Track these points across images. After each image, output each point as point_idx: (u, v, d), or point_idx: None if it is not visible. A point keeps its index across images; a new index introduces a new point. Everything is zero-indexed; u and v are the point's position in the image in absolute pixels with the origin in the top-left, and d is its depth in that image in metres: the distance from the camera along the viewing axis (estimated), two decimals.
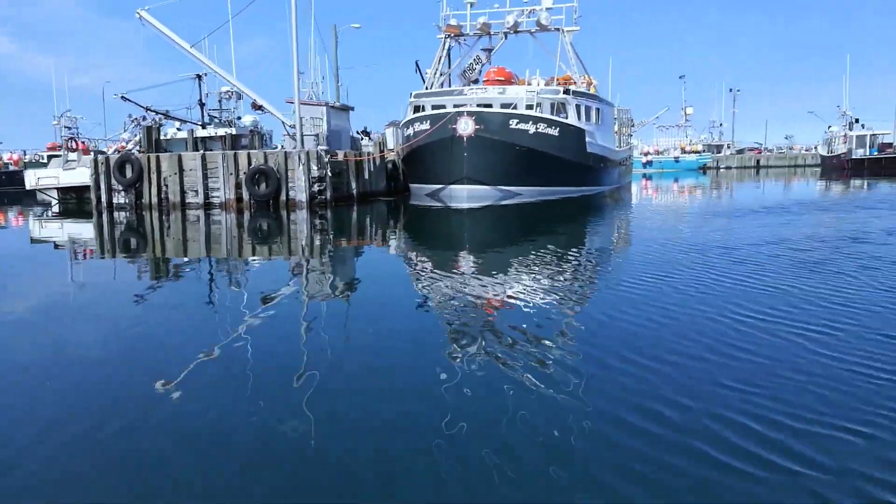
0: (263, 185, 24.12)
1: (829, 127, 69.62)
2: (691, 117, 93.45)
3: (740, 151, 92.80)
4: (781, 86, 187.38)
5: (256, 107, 28.09)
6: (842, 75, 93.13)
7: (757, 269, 10.23)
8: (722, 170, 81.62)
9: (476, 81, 31.27)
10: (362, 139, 35.94)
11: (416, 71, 36.75)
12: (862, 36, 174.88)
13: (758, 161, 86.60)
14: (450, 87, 31.82)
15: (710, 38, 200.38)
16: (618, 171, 35.96)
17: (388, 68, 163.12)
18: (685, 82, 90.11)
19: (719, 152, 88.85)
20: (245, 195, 24.38)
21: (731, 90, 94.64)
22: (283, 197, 24.17)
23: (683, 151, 78.90)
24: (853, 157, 60.49)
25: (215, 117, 38.90)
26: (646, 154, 77.14)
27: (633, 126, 44.63)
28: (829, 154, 67.73)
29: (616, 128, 37.93)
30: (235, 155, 24.54)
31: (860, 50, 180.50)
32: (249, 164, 24.27)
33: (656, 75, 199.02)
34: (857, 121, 66.98)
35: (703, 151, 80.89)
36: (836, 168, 63.40)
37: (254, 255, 14.91)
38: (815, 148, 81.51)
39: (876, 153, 62.26)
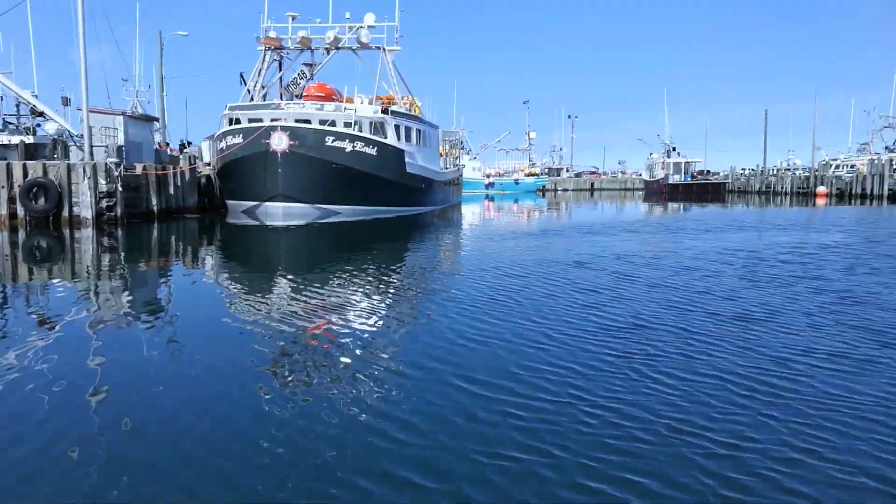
0: (42, 200, 21.58)
1: (651, 154, 75.87)
2: (535, 141, 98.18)
3: (578, 175, 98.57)
4: (617, 113, 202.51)
5: (36, 112, 25.27)
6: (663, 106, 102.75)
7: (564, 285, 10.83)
8: (560, 192, 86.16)
9: (300, 96, 30.39)
10: (179, 151, 33.73)
11: (241, 82, 35.21)
12: (679, 71, 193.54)
13: (592, 184, 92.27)
14: (273, 100, 30.64)
15: (552, 66, 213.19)
16: (444, 192, 36.36)
17: (219, 79, 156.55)
18: (528, 107, 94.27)
19: (559, 175, 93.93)
20: (20, 211, 21.71)
21: (569, 116, 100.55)
22: (65, 213, 21.77)
23: (528, 175, 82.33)
24: (669, 182, 66.02)
25: (11, 123, 34.91)
26: (488, 176, 79.50)
27: (463, 148, 45.58)
28: (651, 179, 73.62)
29: (446, 149, 38.47)
30: (8, 166, 21.79)
31: (678, 84, 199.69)
32: (25, 176, 21.66)
33: (502, 100, 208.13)
34: (674, 149, 73.39)
35: (542, 174, 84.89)
36: (656, 192, 68.93)
37: (31, 278, 13.05)
38: (641, 173, 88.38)
39: (689, 179, 68.50)
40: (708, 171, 72.38)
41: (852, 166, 61.35)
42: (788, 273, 12.36)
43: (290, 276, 12.67)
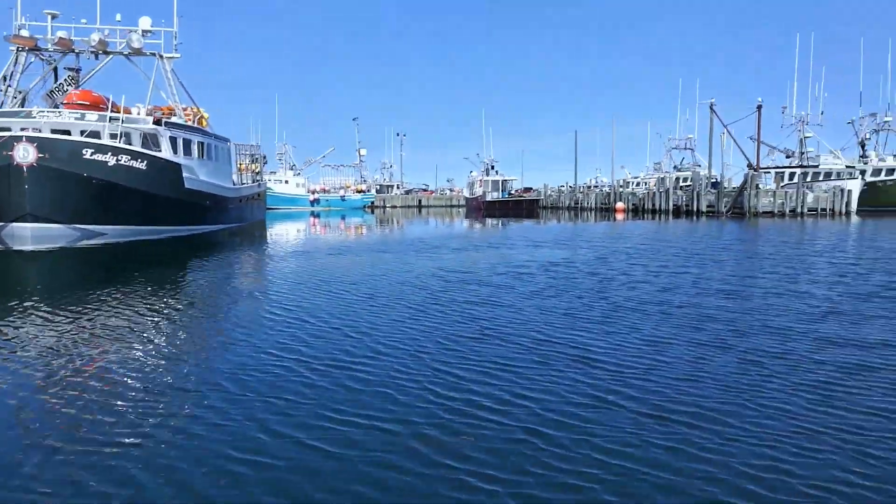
0: None
1: (471, 172, 78.53)
2: (366, 158, 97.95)
3: (408, 192, 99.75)
4: (447, 134, 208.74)
5: None
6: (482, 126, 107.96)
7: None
8: (388, 208, 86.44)
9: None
10: None
11: None
12: (498, 97, 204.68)
13: (420, 201, 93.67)
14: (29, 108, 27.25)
15: (383, 83, 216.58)
16: (239, 209, 34.52)
17: None
18: (358, 124, 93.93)
19: (390, 192, 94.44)
20: None
21: (398, 134, 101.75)
22: None
23: (356, 191, 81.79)
24: (487, 199, 68.48)
25: None
26: (313, 192, 77.93)
27: (265, 162, 43.96)
28: (471, 196, 76.06)
29: (247, 163, 36.69)
30: None
31: (498, 109, 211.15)
32: None
33: (331, 116, 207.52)
34: (493, 167, 76.47)
35: (368, 191, 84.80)
36: (475, 208, 71.26)
37: None
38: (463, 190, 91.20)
39: (506, 196, 71.61)
40: (530, 188, 76.34)
41: (647, 183, 67.36)
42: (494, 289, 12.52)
43: (39, 307, 10.74)
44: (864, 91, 55.69)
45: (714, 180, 56.16)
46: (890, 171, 51.39)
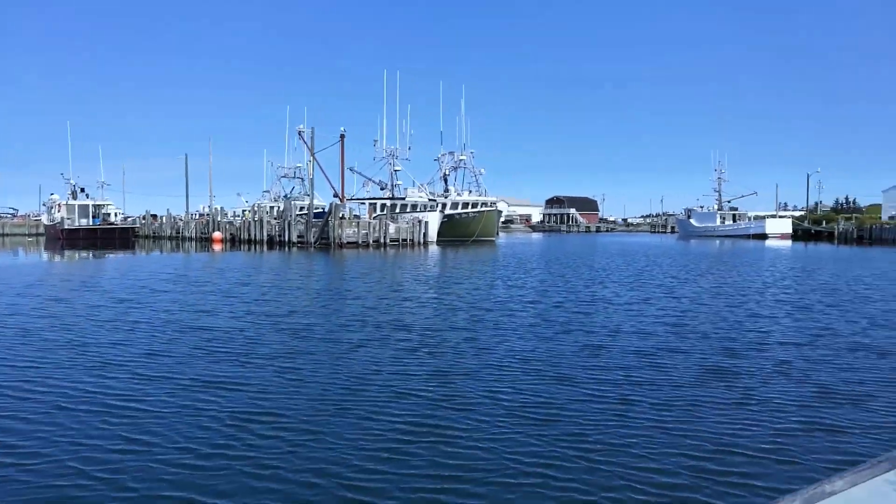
0: None
1: (52, 195, 65.95)
2: None
3: None
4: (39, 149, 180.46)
5: None
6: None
7: None
8: None
9: None
10: None
11: None
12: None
13: None
14: None
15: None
16: None
17: None
18: None
19: None
20: None
21: None
22: None
23: None
24: (66, 227, 57.85)
25: None
26: None
27: None
28: (50, 223, 63.85)
29: None
30: None
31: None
32: None
33: None
34: (82, 190, 65.38)
35: None
36: (54, 237, 59.83)
37: None
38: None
39: (98, 223, 61.70)
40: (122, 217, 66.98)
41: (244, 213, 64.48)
42: None
43: None
44: (444, 130, 61.24)
45: (321, 210, 55.78)
46: (465, 205, 57.13)
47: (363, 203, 54.07)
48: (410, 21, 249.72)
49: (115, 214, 71.02)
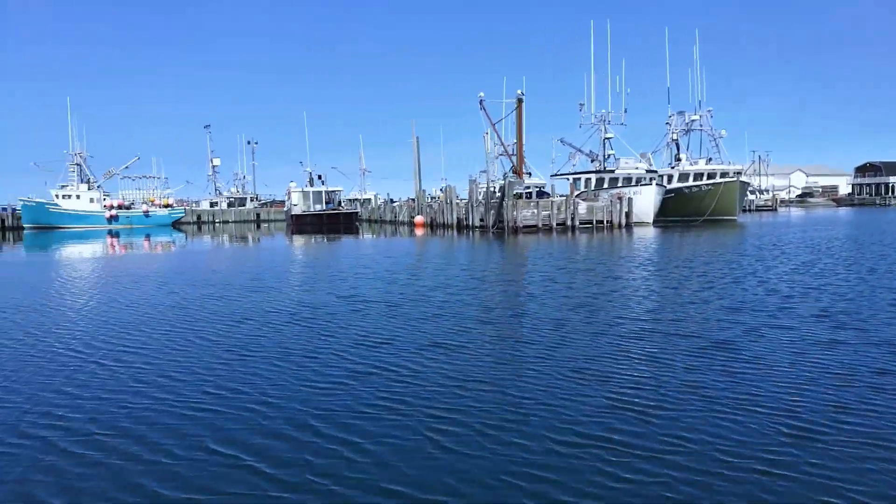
0: None
1: (291, 182, 70.70)
2: (219, 168, 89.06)
3: (263, 204, 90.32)
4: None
5: None
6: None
7: None
8: (219, 224, 77.91)
9: None
10: None
11: None
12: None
13: (258, 215, 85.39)
14: None
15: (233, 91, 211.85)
16: None
17: None
18: (210, 132, 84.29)
19: (243, 205, 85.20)
20: None
21: (249, 142, 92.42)
22: None
23: (163, 206, 72.77)
24: (294, 213, 60.99)
25: None
26: (110, 208, 68.50)
27: None
28: (287, 209, 68.42)
29: None
30: None
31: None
32: None
33: (186, 123, 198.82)
34: (319, 177, 69.05)
35: (176, 206, 75.99)
36: (290, 223, 63.82)
37: None
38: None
39: (325, 209, 64.40)
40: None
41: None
42: None
43: None
44: (671, 86, 50.52)
45: (539, 189, 50.12)
46: (698, 176, 46.53)
47: (567, 179, 47.00)
48: None
49: (340, 202, 73.87)
